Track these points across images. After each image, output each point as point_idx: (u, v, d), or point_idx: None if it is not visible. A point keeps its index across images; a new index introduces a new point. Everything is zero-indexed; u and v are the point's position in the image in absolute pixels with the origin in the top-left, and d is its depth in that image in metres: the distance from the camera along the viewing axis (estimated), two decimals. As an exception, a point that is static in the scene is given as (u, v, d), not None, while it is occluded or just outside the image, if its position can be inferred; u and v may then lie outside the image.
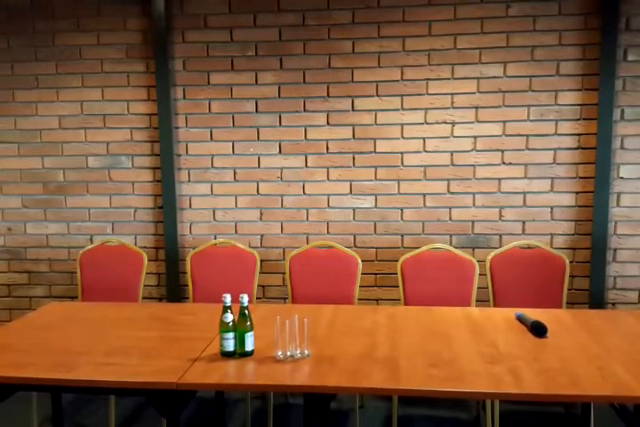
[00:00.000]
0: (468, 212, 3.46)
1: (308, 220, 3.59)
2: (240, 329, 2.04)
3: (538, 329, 2.26)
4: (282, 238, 3.62)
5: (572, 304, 3.40)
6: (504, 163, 3.41)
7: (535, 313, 2.51)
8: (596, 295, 3.35)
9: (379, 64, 3.42)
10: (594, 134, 3.30)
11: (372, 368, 1.94)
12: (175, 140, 3.60)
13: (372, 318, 2.52)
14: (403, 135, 3.45)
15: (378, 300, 3.58)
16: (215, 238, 3.63)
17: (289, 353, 2.04)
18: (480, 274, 3.00)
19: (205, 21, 3.50)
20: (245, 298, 2.04)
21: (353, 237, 3.57)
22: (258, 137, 3.56)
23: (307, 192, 3.57)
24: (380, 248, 3.55)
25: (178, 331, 2.38)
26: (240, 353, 2.06)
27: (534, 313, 2.51)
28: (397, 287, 3.07)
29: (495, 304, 2.97)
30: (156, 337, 2.29)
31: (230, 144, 3.59)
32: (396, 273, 3.04)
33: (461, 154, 3.43)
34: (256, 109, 3.54)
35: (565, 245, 3.42)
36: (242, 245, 3.23)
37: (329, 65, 3.45)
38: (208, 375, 1.90)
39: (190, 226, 3.67)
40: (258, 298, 3.59)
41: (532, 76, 3.32)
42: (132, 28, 3.57)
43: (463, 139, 3.42)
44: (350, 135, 3.49)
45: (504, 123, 3.38)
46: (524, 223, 3.44)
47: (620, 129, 3.30)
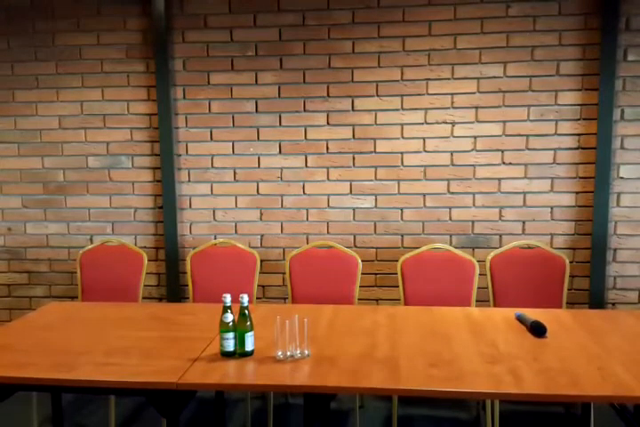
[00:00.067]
0: (467, 212, 3.46)
1: (307, 220, 3.59)
2: (240, 329, 2.04)
3: (537, 329, 2.26)
4: (282, 238, 3.62)
5: (572, 304, 3.40)
6: (504, 163, 3.41)
7: (535, 313, 2.51)
8: (596, 295, 3.35)
9: (379, 64, 3.42)
10: (594, 134, 3.30)
11: (372, 368, 1.94)
12: (175, 140, 3.60)
13: (371, 318, 2.52)
14: (403, 135, 3.46)
15: (378, 300, 3.58)
16: (215, 238, 3.63)
17: (289, 353, 2.04)
18: (480, 274, 3.00)
19: (205, 21, 3.50)
20: (245, 298, 2.04)
21: (353, 237, 3.57)
22: (258, 137, 3.56)
23: (307, 192, 3.57)
24: (380, 248, 3.55)
25: (178, 331, 2.38)
26: (240, 353, 2.06)
27: (534, 313, 2.51)
28: (397, 287, 3.07)
29: (495, 304, 2.97)
30: (156, 337, 2.29)
31: (230, 144, 3.59)
32: (396, 273, 3.04)
33: (461, 154, 3.43)
34: (256, 109, 3.54)
35: (565, 245, 3.42)
36: (242, 245, 3.23)
37: (329, 65, 3.45)
38: (208, 375, 1.90)
39: (190, 226, 3.68)
40: (258, 298, 3.59)
41: (531, 76, 3.32)
42: (131, 28, 3.57)
43: (463, 139, 3.42)
44: (350, 135, 3.49)
45: (504, 123, 3.38)
46: (524, 223, 3.44)
47: (620, 129, 3.30)
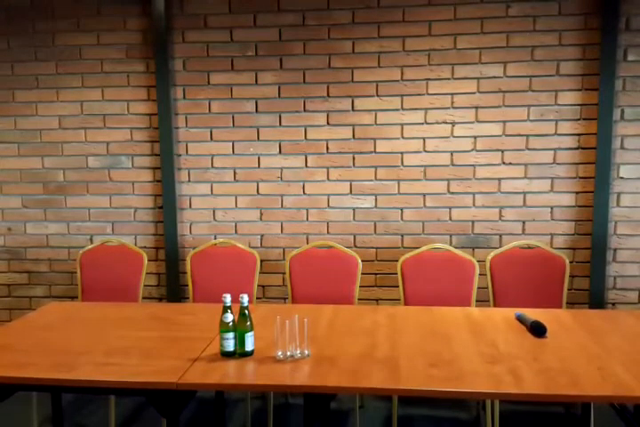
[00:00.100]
0: (467, 212, 3.46)
1: (307, 220, 3.59)
2: (240, 329, 2.04)
3: (537, 329, 2.26)
4: (282, 238, 3.62)
5: (572, 304, 3.40)
6: (504, 163, 3.41)
7: (535, 313, 2.51)
8: (595, 295, 3.35)
9: (379, 64, 3.42)
10: (594, 134, 3.30)
11: (372, 368, 1.94)
12: (175, 140, 3.60)
13: (371, 318, 2.52)
14: (403, 135, 3.45)
15: (378, 300, 3.58)
16: (215, 238, 3.63)
17: (289, 353, 2.04)
18: (480, 274, 3.00)
19: (205, 21, 3.50)
20: (245, 298, 2.04)
21: (353, 237, 3.57)
22: (258, 137, 3.56)
23: (307, 192, 3.57)
24: (380, 248, 3.55)
25: (178, 331, 2.38)
26: (240, 353, 2.06)
27: (534, 313, 2.51)
28: (397, 287, 3.07)
29: (495, 304, 2.97)
30: (156, 337, 2.29)
31: (230, 144, 3.59)
32: (396, 273, 3.04)
33: (461, 154, 3.43)
34: (256, 109, 3.54)
35: (565, 245, 3.42)
36: (242, 245, 3.23)
37: (329, 65, 3.45)
38: (208, 375, 1.90)
39: (190, 226, 3.67)
40: (258, 298, 3.59)
41: (532, 76, 3.32)
42: (131, 28, 3.57)
43: (463, 139, 3.42)
44: (350, 135, 3.49)
45: (504, 123, 3.38)
46: (524, 223, 3.44)
47: (620, 129, 3.30)
